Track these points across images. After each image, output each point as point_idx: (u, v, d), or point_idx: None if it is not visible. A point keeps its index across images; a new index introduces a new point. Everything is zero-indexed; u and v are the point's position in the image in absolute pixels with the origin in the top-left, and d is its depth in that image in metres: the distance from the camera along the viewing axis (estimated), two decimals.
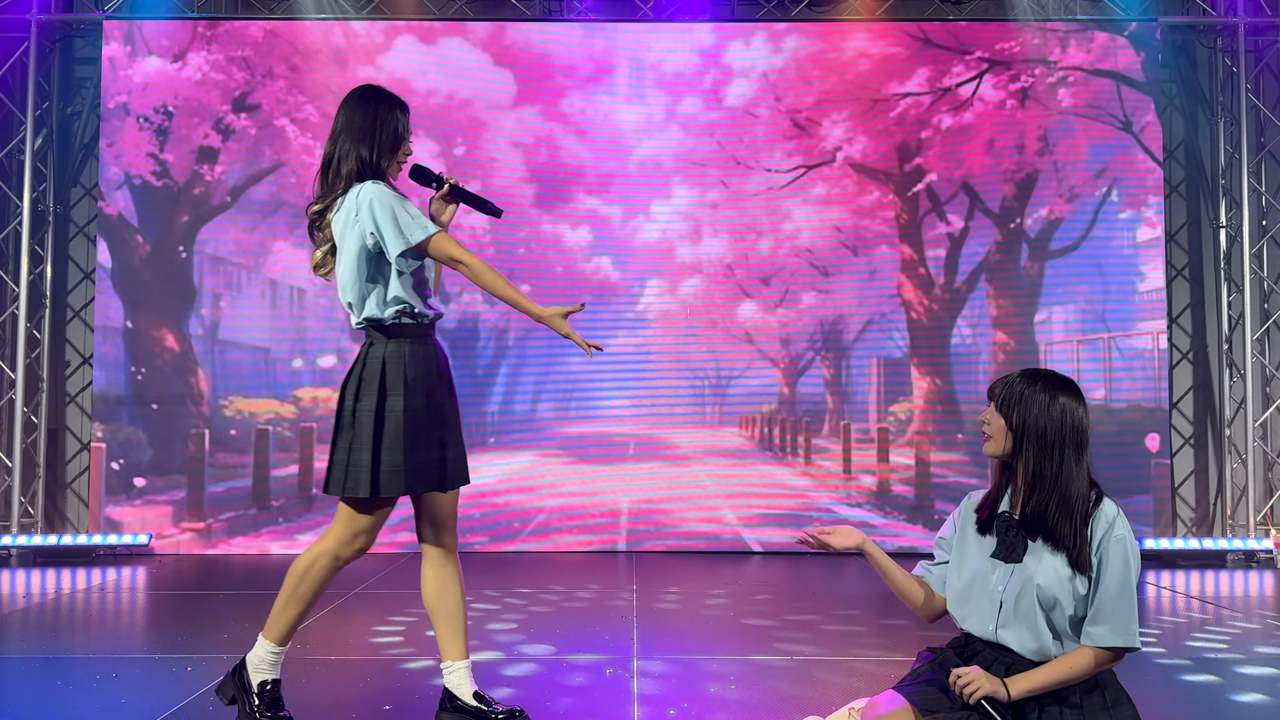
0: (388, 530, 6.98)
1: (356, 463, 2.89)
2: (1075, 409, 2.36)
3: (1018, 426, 2.38)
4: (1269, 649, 4.37)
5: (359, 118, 2.96)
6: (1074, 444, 2.34)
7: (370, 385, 2.89)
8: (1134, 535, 2.37)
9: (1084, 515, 2.32)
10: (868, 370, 7.17)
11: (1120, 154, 7.20)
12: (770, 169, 7.16)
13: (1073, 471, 2.33)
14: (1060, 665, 2.30)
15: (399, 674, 3.85)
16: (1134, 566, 2.31)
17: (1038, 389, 2.38)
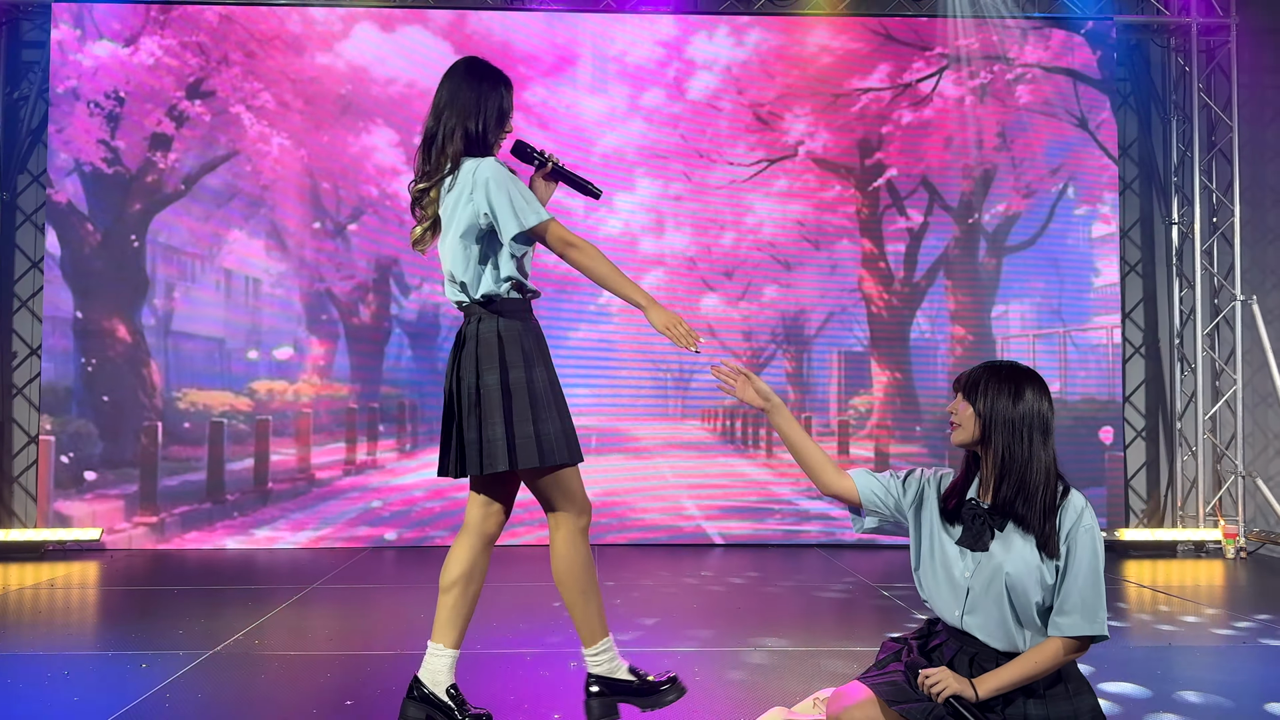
0: (346, 525, 6.92)
1: (524, 435, 2.79)
2: (1040, 399, 2.40)
3: (985, 415, 2.40)
4: (1222, 634, 4.46)
5: (464, 93, 2.86)
6: (1040, 431, 2.37)
7: (490, 360, 2.79)
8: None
9: (1051, 504, 2.35)
10: (828, 363, 7.22)
11: (1076, 151, 7.31)
12: (733, 162, 7.16)
13: (1039, 460, 2.36)
14: (1027, 661, 2.32)
15: (360, 668, 3.80)
16: (1101, 557, 2.35)
17: (1003, 379, 2.41)
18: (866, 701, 2.45)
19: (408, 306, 7.10)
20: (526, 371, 2.79)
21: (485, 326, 2.82)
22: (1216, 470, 7.43)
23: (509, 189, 2.76)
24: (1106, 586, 2.32)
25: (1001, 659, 2.39)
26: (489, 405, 2.77)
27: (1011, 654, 2.39)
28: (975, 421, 2.42)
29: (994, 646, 2.39)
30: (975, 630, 2.42)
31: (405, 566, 6.26)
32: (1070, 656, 2.34)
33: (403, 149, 7.09)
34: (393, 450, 7.04)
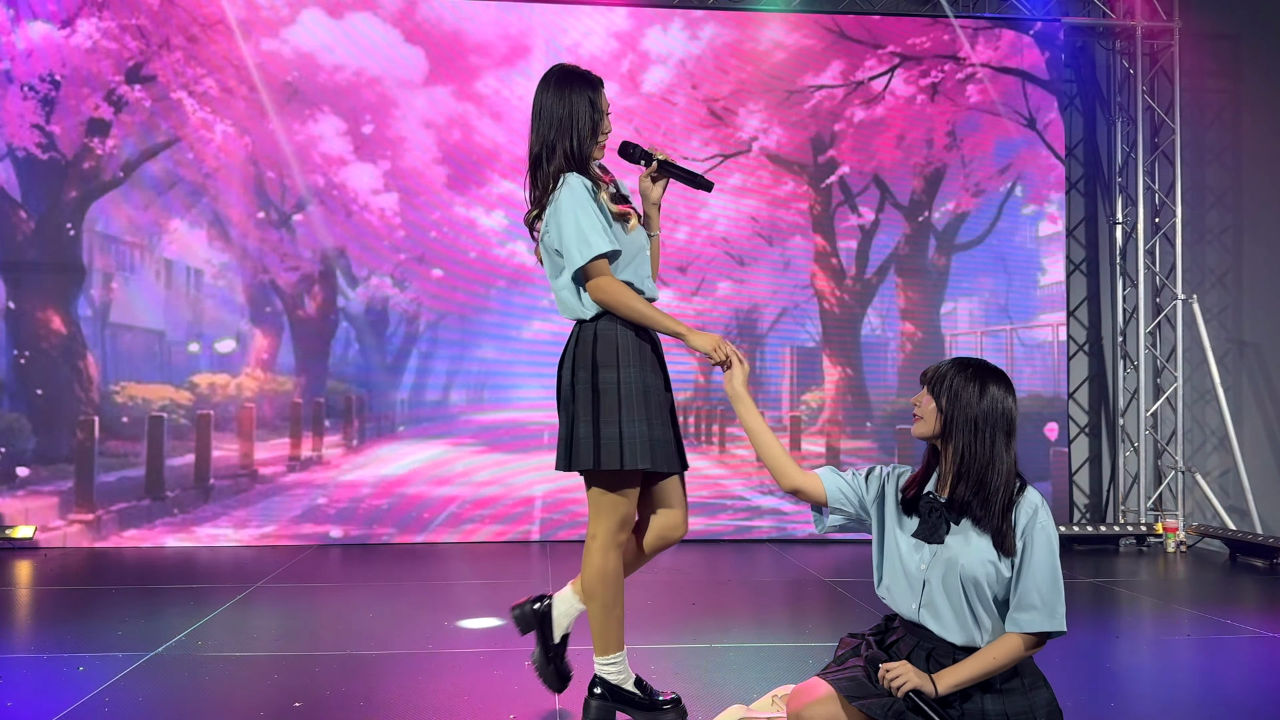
0: (290, 523, 6.78)
1: (583, 436, 2.80)
2: (1005, 398, 2.40)
3: (948, 410, 2.40)
4: (1165, 627, 4.55)
5: (557, 108, 2.85)
6: (1003, 430, 2.38)
7: (584, 361, 2.82)
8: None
9: (1008, 501, 2.36)
10: (781, 359, 7.23)
11: (1024, 150, 7.41)
12: (687, 157, 7.13)
13: (1001, 457, 2.37)
14: (986, 657, 2.33)
15: (308, 669, 3.71)
16: (1056, 552, 2.36)
17: (969, 376, 2.41)
18: (827, 698, 2.45)
19: (355, 299, 6.97)
20: (616, 372, 2.80)
21: (584, 330, 2.87)
22: (1157, 466, 7.59)
23: (576, 215, 2.74)
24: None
25: (959, 653, 2.39)
26: (578, 403, 2.83)
27: (969, 648, 2.39)
28: (937, 416, 2.42)
29: (950, 640, 2.40)
30: (931, 624, 2.42)
31: (352, 565, 6.14)
32: (1029, 652, 2.35)
33: (350, 138, 6.94)
34: (339, 446, 6.91)
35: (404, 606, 4.88)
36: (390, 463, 6.92)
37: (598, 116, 2.88)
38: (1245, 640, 4.23)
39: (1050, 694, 2.40)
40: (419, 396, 7.01)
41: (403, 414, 6.99)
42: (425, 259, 7.00)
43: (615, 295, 2.77)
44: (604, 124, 2.89)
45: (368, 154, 6.97)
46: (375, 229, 6.96)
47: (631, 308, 2.77)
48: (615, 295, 2.77)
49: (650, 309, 2.80)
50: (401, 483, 6.92)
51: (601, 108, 2.88)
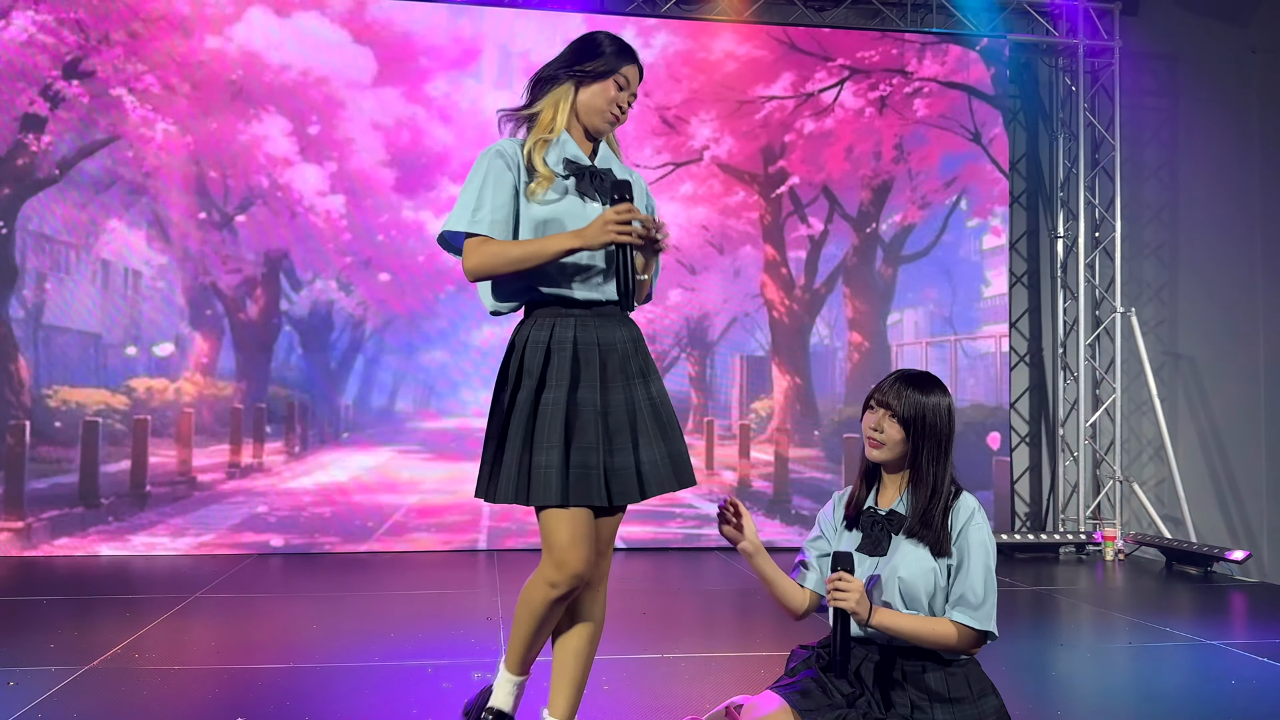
0: (230, 532, 6.62)
1: (495, 462, 2.42)
2: (950, 405, 2.44)
3: (915, 431, 2.41)
4: (1105, 634, 4.63)
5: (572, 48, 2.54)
6: (949, 440, 2.42)
7: (500, 377, 2.48)
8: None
9: (946, 506, 2.39)
10: (731, 368, 7.25)
11: (970, 164, 7.53)
12: (639, 165, 7.13)
13: (945, 466, 2.41)
14: (922, 622, 2.34)
15: (249, 683, 3.61)
16: (992, 555, 2.39)
17: (926, 392, 2.43)
18: (779, 712, 2.44)
19: (299, 302, 6.84)
20: (509, 392, 2.43)
21: (511, 339, 2.50)
22: (1096, 475, 7.75)
23: (466, 183, 2.44)
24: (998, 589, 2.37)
25: (907, 663, 2.41)
26: (489, 424, 2.48)
27: (912, 654, 2.41)
28: (902, 439, 2.42)
29: (896, 647, 2.41)
30: (876, 638, 2.43)
31: (293, 575, 6.02)
32: (962, 645, 2.35)
33: (295, 138, 6.82)
34: (281, 453, 6.77)
35: (348, 618, 4.79)
36: (334, 470, 6.80)
37: (608, 77, 2.44)
38: (1183, 647, 4.33)
39: (998, 702, 2.42)
40: (364, 402, 6.90)
41: (347, 420, 6.87)
42: (372, 263, 6.90)
43: (481, 259, 2.33)
44: (617, 91, 2.44)
45: (314, 155, 6.85)
46: (320, 231, 6.84)
47: (502, 256, 2.31)
48: (481, 259, 2.33)
49: (525, 244, 2.31)
50: (345, 490, 6.80)
51: (623, 73, 2.45)
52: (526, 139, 2.50)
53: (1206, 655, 4.18)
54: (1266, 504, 7.94)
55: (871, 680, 2.42)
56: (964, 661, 2.42)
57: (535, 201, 2.42)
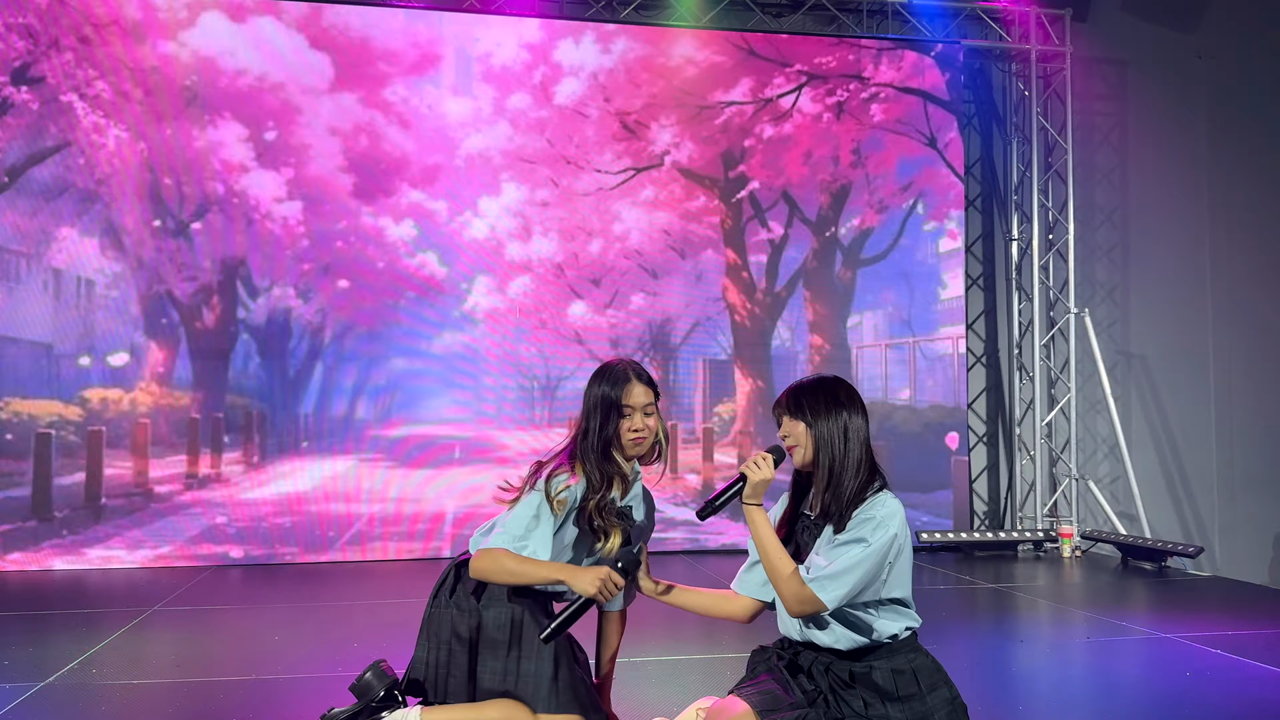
0: (188, 543, 6.52)
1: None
2: (849, 397, 2.47)
3: (816, 428, 2.45)
4: (1065, 630, 4.70)
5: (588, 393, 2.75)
6: (855, 430, 2.44)
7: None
8: (907, 533, 2.44)
9: (856, 494, 2.40)
10: (694, 371, 7.28)
11: (926, 168, 7.62)
12: (600, 169, 7.14)
13: (854, 455, 2.43)
14: (780, 548, 2.41)
15: (209, 696, 3.56)
16: (878, 553, 2.36)
17: (818, 390, 2.48)
18: (743, 714, 2.46)
19: (256, 310, 6.76)
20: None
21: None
22: (1052, 473, 7.87)
23: (519, 510, 2.62)
24: (953, 587, 2.39)
25: (853, 663, 2.44)
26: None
27: (858, 655, 2.44)
28: (809, 436, 2.45)
29: (839, 649, 2.45)
30: (818, 638, 2.47)
31: (253, 586, 5.94)
32: (790, 591, 2.36)
33: (251, 144, 6.74)
34: (239, 463, 6.68)
35: (310, 628, 4.73)
36: (293, 480, 6.72)
37: (618, 411, 2.65)
38: (1139, 641, 4.41)
39: (950, 692, 2.44)
40: (324, 411, 6.83)
41: (307, 429, 6.80)
42: (331, 269, 6.84)
43: (489, 562, 2.56)
44: (628, 422, 2.64)
45: (270, 161, 6.78)
46: (278, 238, 6.77)
47: (504, 569, 2.55)
48: (489, 562, 2.56)
49: (525, 563, 2.55)
50: (305, 500, 6.72)
51: (623, 402, 2.64)
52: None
53: (1162, 648, 4.26)
54: (1218, 500, 8.10)
55: (825, 682, 2.46)
56: (912, 659, 2.44)
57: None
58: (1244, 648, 4.22)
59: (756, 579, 2.66)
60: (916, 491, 7.41)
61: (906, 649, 2.45)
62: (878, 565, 2.36)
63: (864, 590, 2.37)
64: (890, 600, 2.43)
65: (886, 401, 7.52)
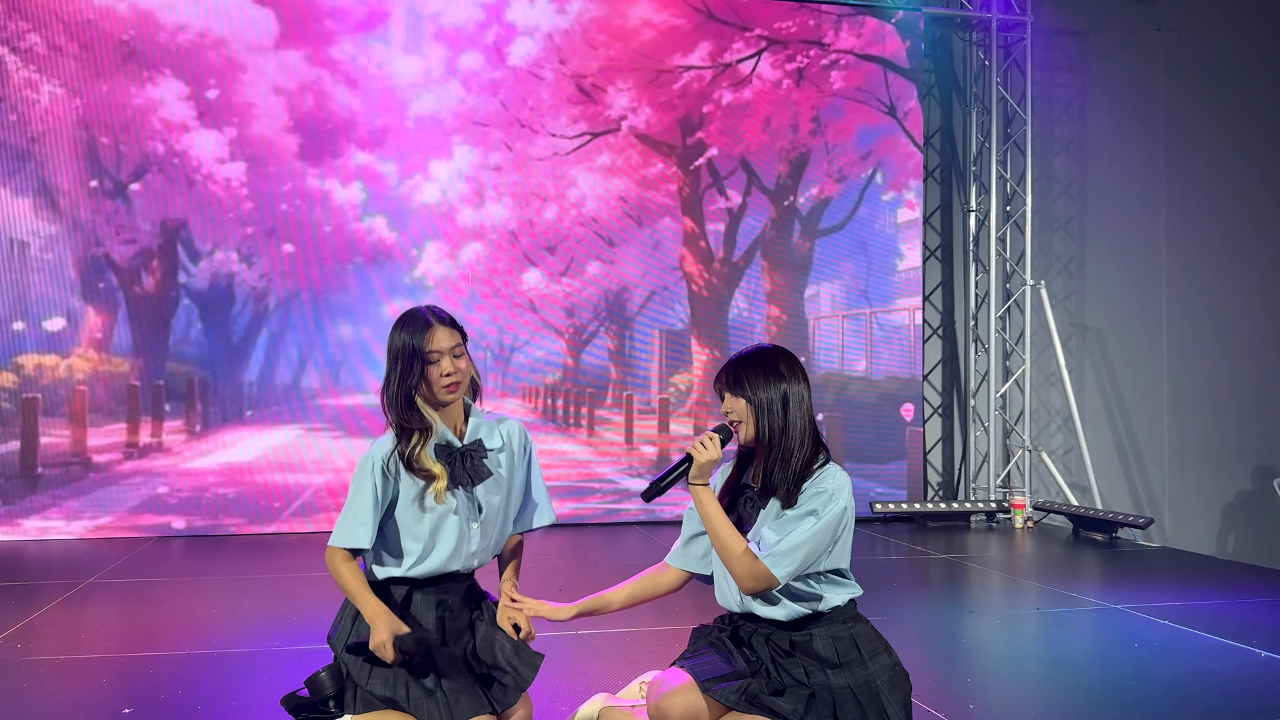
0: (128, 514, 6.34)
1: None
2: (790, 367, 2.42)
3: (755, 402, 2.40)
4: (1018, 601, 4.70)
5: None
6: (795, 400, 2.39)
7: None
8: (853, 505, 2.42)
9: (804, 464, 2.37)
10: (650, 342, 7.18)
11: (885, 138, 7.55)
12: (555, 133, 6.98)
13: (795, 426, 2.38)
14: (729, 526, 2.35)
15: (141, 672, 3.43)
16: (828, 526, 2.34)
17: (756, 362, 2.42)
18: (686, 687, 2.43)
19: (197, 274, 6.55)
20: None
21: None
22: (1006, 445, 7.90)
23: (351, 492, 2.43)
24: (906, 557, 2.36)
25: (795, 634, 2.41)
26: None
27: (799, 624, 2.40)
28: (750, 412, 2.40)
29: (780, 621, 2.40)
30: (758, 610, 2.43)
31: (195, 558, 5.79)
32: (742, 568, 2.32)
33: (193, 103, 6.50)
34: (181, 432, 6.49)
35: (251, 601, 4.61)
36: (238, 449, 6.55)
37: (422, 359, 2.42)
38: (1089, 612, 4.41)
39: (891, 659, 2.41)
40: (268, 379, 6.65)
41: (251, 397, 6.62)
42: (275, 233, 6.64)
43: (330, 564, 2.41)
44: (436, 368, 2.41)
45: (212, 120, 6.54)
46: (220, 200, 6.55)
47: (336, 574, 2.40)
48: (330, 564, 2.41)
49: (349, 581, 2.38)
50: (250, 470, 6.56)
51: (427, 348, 2.41)
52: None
53: (1111, 619, 4.26)
54: (1168, 472, 8.20)
55: (766, 651, 2.42)
56: (850, 626, 2.41)
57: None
58: (1192, 619, 4.24)
59: (696, 552, 2.60)
60: (871, 462, 7.40)
61: (846, 616, 2.42)
62: (828, 538, 2.34)
63: (814, 563, 2.33)
64: (831, 571, 2.40)
65: (843, 373, 7.48)
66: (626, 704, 2.87)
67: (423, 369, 2.42)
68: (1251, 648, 3.78)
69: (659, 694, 2.46)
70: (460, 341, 2.46)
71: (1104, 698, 3.17)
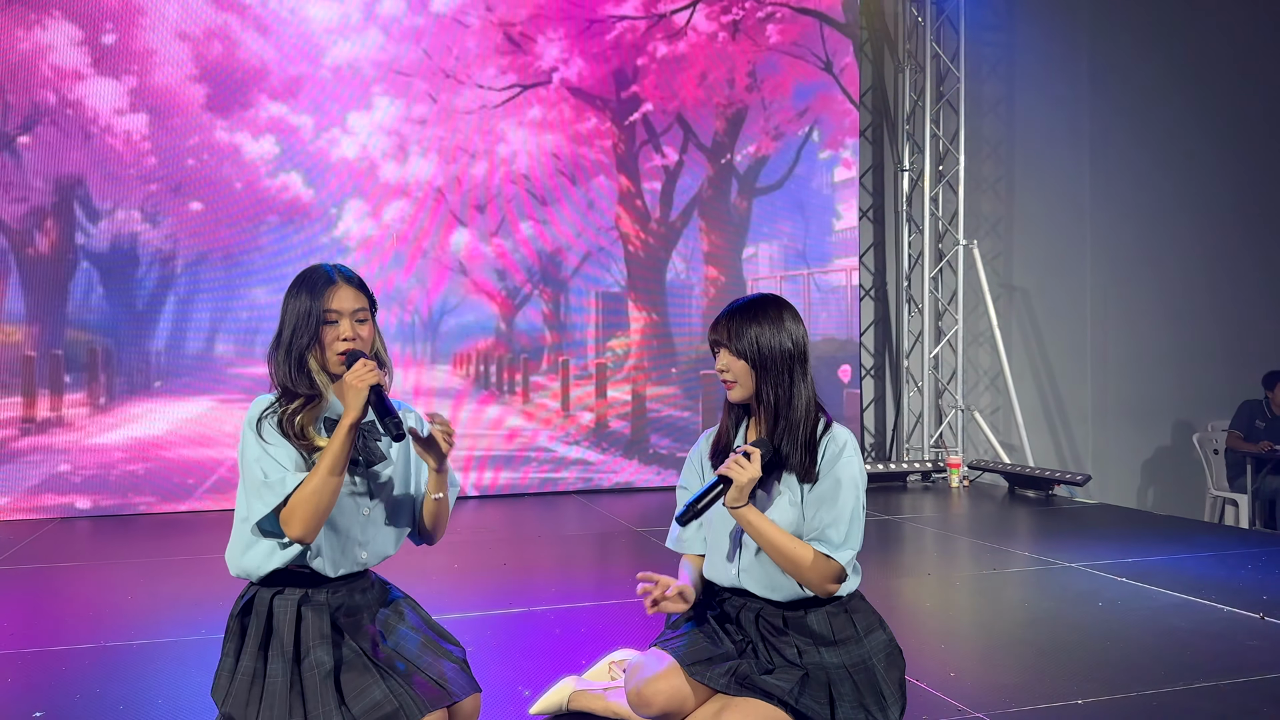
0: (27, 494, 5.87)
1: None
2: (796, 328, 2.29)
3: (756, 362, 2.24)
4: (968, 561, 4.65)
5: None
6: (800, 361, 2.27)
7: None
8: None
9: (811, 432, 2.25)
10: (586, 304, 6.93)
11: (821, 94, 7.40)
12: (482, 85, 6.64)
13: (800, 390, 2.26)
14: (789, 538, 2.19)
15: (53, 668, 3.10)
16: (863, 493, 2.27)
17: (761, 318, 2.26)
18: (669, 670, 2.29)
19: (97, 235, 6.06)
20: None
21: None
22: (939, 405, 7.91)
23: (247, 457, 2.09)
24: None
25: (786, 611, 2.29)
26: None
27: (793, 605, 2.28)
28: (749, 373, 2.26)
29: (774, 600, 2.29)
30: (752, 587, 2.30)
31: (104, 539, 5.38)
32: (815, 573, 2.19)
33: (87, 48, 5.98)
34: (84, 405, 6.03)
35: (167, 586, 4.27)
36: (146, 423, 6.12)
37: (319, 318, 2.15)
38: (1046, 572, 4.38)
39: (887, 635, 2.33)
40: (177, 347, 6.21)
41: (159, 367, 6.18)
42: (181, 190, 6.18)
43: (295, 508, 2.04)
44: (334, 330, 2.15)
45: (109, 68, 6.03)
46: (120, 155, 6.06)
47: (305, 509, 2.04)
48: (295, 508, 2.04)
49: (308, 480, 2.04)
50: (160, 445, 6.14)
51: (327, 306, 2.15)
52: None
53: (1068, 577, 4.23)
54: (1092, 429, 8.34)
55: (754, 630, 2.30)
56: (845, 602, 2.30)
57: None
58: (1146, 575, 4.24)
59: (699, 534, 2.43)
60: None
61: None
62: (862, 501, 2.25)
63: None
64: None
65: None
66: (597, 686, 2.68)
67: (317, 329, 2.14)
68: (1211, 603, 3.77)
69: (640, 678, 2.30)
70: (365, 306, 2.19)
71: (1086, 658, 3.10)
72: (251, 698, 2.07)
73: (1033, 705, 2.68)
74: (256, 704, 2.06)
